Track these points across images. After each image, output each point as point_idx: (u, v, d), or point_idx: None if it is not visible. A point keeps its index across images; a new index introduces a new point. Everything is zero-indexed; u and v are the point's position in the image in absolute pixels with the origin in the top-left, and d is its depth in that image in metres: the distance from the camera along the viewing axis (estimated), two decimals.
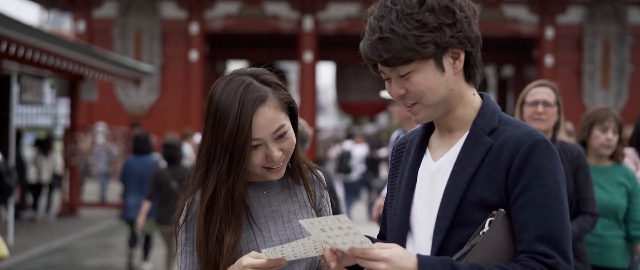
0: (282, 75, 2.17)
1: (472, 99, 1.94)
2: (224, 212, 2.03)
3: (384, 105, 27.45)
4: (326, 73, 75.72)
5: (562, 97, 4.25)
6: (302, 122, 4.26)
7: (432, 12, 1.82)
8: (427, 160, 1.97)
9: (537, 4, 21.38)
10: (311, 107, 21.39)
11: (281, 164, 2.07)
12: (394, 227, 1.98)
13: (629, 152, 5.00)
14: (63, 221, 14.74)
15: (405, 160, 2.03)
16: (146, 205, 8.44)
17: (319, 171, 2.24)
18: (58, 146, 17.41)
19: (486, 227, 1.81)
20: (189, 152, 12.74)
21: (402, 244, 1.94)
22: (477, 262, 1.77)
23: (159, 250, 10.37)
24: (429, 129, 2.02)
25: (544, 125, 4.02)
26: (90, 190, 18.10)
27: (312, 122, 19.70)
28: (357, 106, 27.25)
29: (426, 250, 1.89)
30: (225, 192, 2.03)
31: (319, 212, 2.19)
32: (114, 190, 16.78)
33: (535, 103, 4.06)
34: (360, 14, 21.22)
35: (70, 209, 15.68)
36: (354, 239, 1.74)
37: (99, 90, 16.68)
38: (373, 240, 1.97)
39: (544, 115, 4.03)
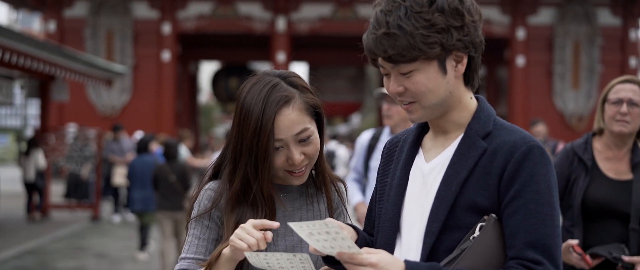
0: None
1: (469, 102, 1.93)
2: (253, 206, 2.04)
3: (356, 105, 27.58)
4: (299, 73, 75.97)
5: (533, 98, 4.04)
6: None
7: (442, 13, 1.80)
8: (419, 161, 1.96)
9: (509, 4, 21.55)
10: None
11: (303, 168, 2.06)
12: (384, 226, 1.96)
13: None
14: (34, 223, 14.57)
15: (397, 158, 2.01)
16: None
17: (341, 184, 2.23)
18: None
19: (477, 232, 1.80)
20: (184, 153, 13.78)
21: (391, 243, 1.93)
22: (466, 268, 1.76)
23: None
24: (422, 129, 2.01)
25: (628, 128, 3.47)
26: (59, 191, 17.90)
27: None
28: (329, 106, 27.26)
29: (415, 252, 1.87)
30: (256, 191, 2.03)
31: None
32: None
33: (619, 101, 3.47)
34: (333, 14, 21.25)
35: (41, 210, 15.50)
36: (342, 243, 1.74)
37: (70, 91, 16.50)
38: (359, 233, 1.97)
39: (629, 117, 3.46)
